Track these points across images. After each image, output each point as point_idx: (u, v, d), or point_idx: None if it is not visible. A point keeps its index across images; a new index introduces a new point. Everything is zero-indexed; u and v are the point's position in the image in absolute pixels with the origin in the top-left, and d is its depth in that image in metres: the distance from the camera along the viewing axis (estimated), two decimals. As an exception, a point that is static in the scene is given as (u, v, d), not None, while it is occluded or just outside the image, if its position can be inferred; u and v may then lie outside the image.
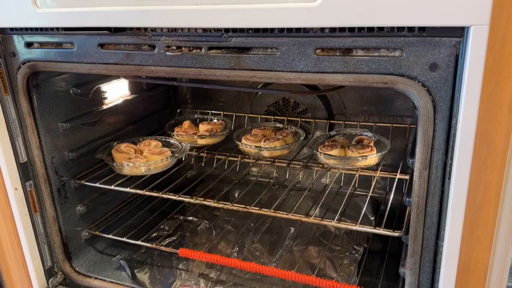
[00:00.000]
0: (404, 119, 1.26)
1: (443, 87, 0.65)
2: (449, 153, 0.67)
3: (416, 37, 0.64)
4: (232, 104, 1.48)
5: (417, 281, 0.77)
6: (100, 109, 1.21)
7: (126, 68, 0.85)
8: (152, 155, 1.14)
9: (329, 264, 1.10)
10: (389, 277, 1.02)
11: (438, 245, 0.73)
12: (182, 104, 1.56)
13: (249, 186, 1.21)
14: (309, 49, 0.71)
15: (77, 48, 0.88)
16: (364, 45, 0.68)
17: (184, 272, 1.14)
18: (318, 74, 0.72)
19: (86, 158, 1.17)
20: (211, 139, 1.29)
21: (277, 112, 1.42)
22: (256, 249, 1.19)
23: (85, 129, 1.16)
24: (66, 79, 1.09)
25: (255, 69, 0.76)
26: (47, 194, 1.07)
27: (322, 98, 1.35)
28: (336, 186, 1.31)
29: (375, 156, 1.07)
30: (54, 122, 1.07)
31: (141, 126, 1.37)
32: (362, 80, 0.69)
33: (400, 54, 0.66)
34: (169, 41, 0.80)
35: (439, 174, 0.69)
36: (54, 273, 1.15)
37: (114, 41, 0.85)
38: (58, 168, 1.09)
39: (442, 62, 0.64)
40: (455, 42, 0.62)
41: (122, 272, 1.15)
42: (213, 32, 0.77)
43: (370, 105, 1.30)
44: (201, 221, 1.33)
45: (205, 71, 0.80)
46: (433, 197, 0.70)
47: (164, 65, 0.82)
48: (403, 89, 0.67)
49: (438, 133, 0.67)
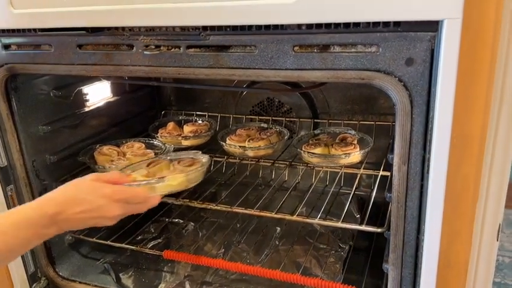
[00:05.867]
0: (387, 117, 1.27)
1: (419, 82, 0.65)
2: (427, 148, 0.68)
3: (392, 32, 0.64)
4: (217, 104, 1.47)
5: (400, 276, 0.78)
6: (82, 111, 1.19)
7: (104, 69, 0.85)
8: (135, 157, 1.13)
9: (315, 263, 1.10)
10: (374, 274, 1.02)
11: (419, 239, 0.73)
12: (167, 105, 1.56)
13: (234, 187, 1.20)
14: (287, 46, 0.71)
15: (54, 50, 0.87)
16: (340, 42, 0.68)
17: (169, 274, 1.13)
18: (296, 71, 0.72)
19: (68, 161, 1.15)
20: (195, 140, 1.28)
21: (262, 112, 1.42)
22: (242, 249, 1.19)
23: (67, 132, 1.15)
24: (46, 81, 1.08)
25: (233, 67, 0.76)
26: (28, 198, 1.05)
27: (306, 97, 1.35)
28: (322, 185, 1.31)
29: (358, 153, 1.07)
30: (34, 125, 1.05)
31: (124, 129, 1.36)
32: (339, 76, 0.69)
33: (376, 49, 0.66)
34: (147, 40, 0.79)
35: (418, 169, 0.69)
36: (37, 279, 1.13)
37: (92, 42, 0.84)
38: (39, 171, 1.07)
39: (417, 56, 0.64)
40: (430, 37, 0.63)
41: (107, 275, 1.14)
42: (191, 31, 0.76)
43: (354, 103, 1.31)
44: (187, 223, 1.32)
45: (184, 70, 0.79)
46: (413, 191, 0.71)
47: (143, 65, 0.81)
48: (380, 85, 0.67)
49: (416, 128, 0.67)
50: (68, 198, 0.74)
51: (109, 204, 0.75)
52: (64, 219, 0.73)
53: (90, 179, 0.78)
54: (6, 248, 0.68)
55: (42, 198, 0.74)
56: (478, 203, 0.72)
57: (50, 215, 0.71)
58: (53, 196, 0.75)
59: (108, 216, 0.76)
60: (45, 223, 0.71)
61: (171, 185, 0.91)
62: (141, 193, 0.82)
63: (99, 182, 0.78)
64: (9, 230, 0.68)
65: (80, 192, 0.75)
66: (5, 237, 0.67)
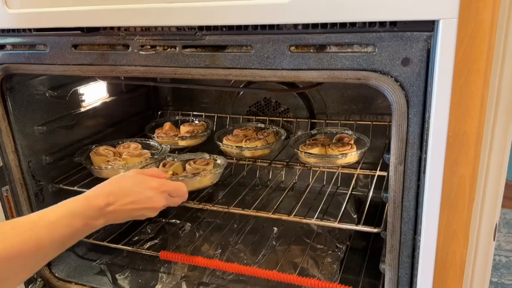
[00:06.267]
0: (384, 117, 1.27)
1: (415, 82, 0.65)
2: (423, 148, 0.68)
3: (388, 32, 0.64)
4: (214, 105, 1.47)
5: (396, 276, 0.77)
6: (78, 112, 1.19)
7: (100, 69, 0.84)
8: (131, 157, 1.12)
9: (312, 263, 1.10)
10: (371, 274, 1.02)
11: (416, 239, 0.73)
12: (163, 106, 1.55)
13: (231, 187, 1.20)
14: (283, 46, 0.71)
15: (49, 50, 0.87)
16: (337, 42, 0.68)
17: (166, 275, 1.12)
18: (293, 71, 0.72)
19: (64, 161, 1.15)
20: (192, 140, 1.28)
21: (259, 112, 1.41)
22: (239, 250, 1.19)
23: (62, 133, 1.14)
24: (42, 82, 1.07)
25: (230, 67, 0.76)
26: (23, 198, 1.05)
27: (303, 97, 1.35)
28: (319, 185, 1.31)
29: (354, 153, 1.07)
30: (30, 126, 1.05)
31: (120, 129, 1.35)
32: (336, 76, 0.69)
33: (372, 49, 0.66)
34: (143, 40, 0.79)
35: (414, 169, 0.69)
36: (33, 280, 1.12)
37: (87, 42, 0.84)
38: (35, 172, 1.07)
39: (414, 56, 0.64)
40: (426, 37, 0.63)
41: (103, 276, 1.13)
42: (187, 31, 0.76)
43: (351, 103, 1.31)
44: (184, 223, 1.32)
45: (180, 70, 0.79)
46: (409, 191, 0.71)
47: (139, 65, 0.81)
48: (376, 85, 0.67)
49: (412, 128, 0.67)
50: (116, 190, 0.77)
51: (156, 195, 0.81)
52: (112, 211, 0.75)
53: (135, 172, 0.84)
54: (54, 239, 0.67)
55: (90, 191, 0.77)
56: (475, 203, 0.72)
57: (99, 207, 0.74)
58: (101, 188, 0.77)
59: (154, 207, 0.81)
60: (93, 215, 0.73)
61: (201, 181, 1.03)
62: (183, 187, 0.88)
63: (144, 176, 0.83)
64: (58, 222, 0.69)
65: (127, 185, 0.79)
66: (53, 228, 0.68)
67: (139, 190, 0.79)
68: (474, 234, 0.81)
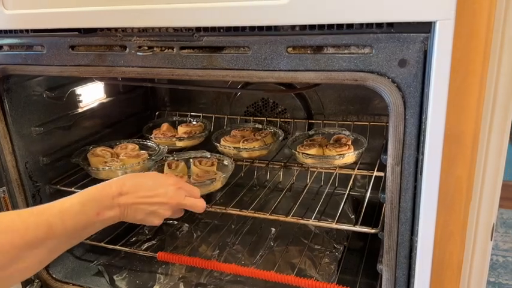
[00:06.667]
0: (382, 118, 1.27)
1: (412, 83, 0.65)
2: (420, 149, 0.68)
3: (385, 33, 0.64)
4: (212, 105, 1.47)
5: (394, 277, 0.78)
6: (75, 113, 1.19)
7: (97, 70, 0.84)
8: (129, 158, 1.12)
9: (309, 264, 1.10)
10: (369, 275, 1.02)
11: (413, 240, 0.73)
12: (161, 106, 1.55)
13: (229, 188, 1.20)
14: (280, 47, 0.71)
15: (47, 51, 0.86)
16: (334, 43, 0.68)
17: (163, 276, 1.12)
18: (290, 72, 0.72)
19: (61, 162, 1.14)
20: (189, 141, 1.28)
21: (256, 113, 1.41)
22: (237, 250, 1.19)
23: (60, 134, 1.14)
24: (39, 82, 1.07)
25: (227, 68, 0.76)
26: (21, 200, 1.05)
27: (301, 98, 1.35)
28: (316, 186, 1.31)
29: (352, 154, 1.07)
30: (27, 127, 1.04)
31: (118, 130, 1.35)
32: (333, 77, 0.69)
33: (369, 51, 0.66)
34: (140, 41, 0.79)
35: (411, 170, 0.69)
36: (30, 281, 1.12)
37: (84, 43, 0.84)
38: (32, 173, 1.07)
39: (411, 58, 0.64)
40: (423, 38, 0.63)
41: (101, 277, 1.13)
42: (185, 32, 0.76)
43: (348, 104, 1.31)
44: (182, 224, 1.32)
45: (177, 71, 0.79)
46: (406, 192, 0.71)
47: (136, 66, 0.81)
48: (373, 86, 0.67)
49: (409, 129, 0.67)
50: (131, 183, 0.77)
51: (172, 191, 0.81)
52: (124, 204, 0.75)
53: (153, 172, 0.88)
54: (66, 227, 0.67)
55: (104, 182, 0.77)
56: (472, 203, 0.72)
57: (112, 195, 0.73)
58: (116, 179, 0.78)
59: (169, 203, 0.80)
60: (106, 203, 0.73)
61: (216, 185, 1.02)
62: (198, 192, 0.89)
63: (162, 174, 0.85)
64: (70, 208, 0.68)
65: (142, 179, 0.80)
66: (66, 214, 0.67)
67: (155, 184, 0.80)
68: (471, 234, 0.81)
